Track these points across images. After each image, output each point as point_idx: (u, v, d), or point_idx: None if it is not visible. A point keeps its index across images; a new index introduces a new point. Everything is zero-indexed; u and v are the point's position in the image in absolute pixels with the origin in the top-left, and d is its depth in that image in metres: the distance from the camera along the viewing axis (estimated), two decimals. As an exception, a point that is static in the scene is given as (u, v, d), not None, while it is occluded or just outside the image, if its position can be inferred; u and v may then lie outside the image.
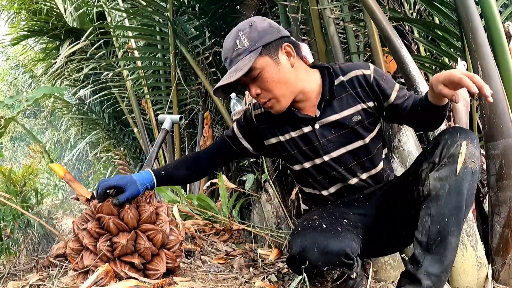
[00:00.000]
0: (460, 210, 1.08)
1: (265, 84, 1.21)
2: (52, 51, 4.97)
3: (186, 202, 2.64)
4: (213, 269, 1.72)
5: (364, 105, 1.30)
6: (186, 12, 3.40)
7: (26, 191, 3.24)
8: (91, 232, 1.40)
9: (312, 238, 1.13)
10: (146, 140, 4.27)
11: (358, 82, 1.29)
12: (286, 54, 1.23)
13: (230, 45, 1.22)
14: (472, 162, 1.08)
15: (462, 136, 1.11)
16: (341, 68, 1.32)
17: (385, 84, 1.29)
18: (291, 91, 1.25)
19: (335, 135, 1.31)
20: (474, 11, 1.53)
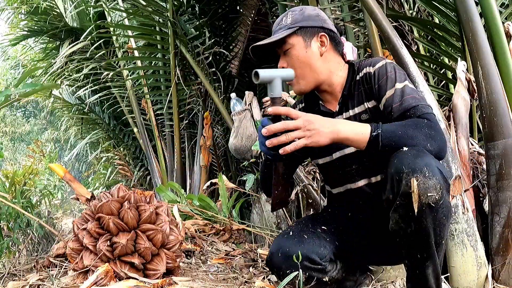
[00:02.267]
0: (429, 246, 1.05)
1: (291, 60, 1.28)
2: (52, 51, 4.97)
3: (186, 202, 2.64)
4: (213, 269, 1.72)
5: (369, 104, 1.28)
6: (186, 12, 3.40)
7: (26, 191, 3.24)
8: (91, 232, 1.40)
9: (278, 243, 1.23)
10: (146, 140, 4.27)
11: (365, 80, 1.29)
12: (320, 42, 1.28)
13: (278, 20, 1.33)
14: (428, 197, 0.98)
15: (409, 170, 0.99)
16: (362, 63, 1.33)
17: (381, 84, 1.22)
18: (313, 76, 1.29)
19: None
20: (474, 11, 1.53)
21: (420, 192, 0.98)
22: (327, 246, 1.23)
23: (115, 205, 1.43)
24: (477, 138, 1.92)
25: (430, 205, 0.99)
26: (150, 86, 4.08)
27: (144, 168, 5.13)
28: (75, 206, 5.72)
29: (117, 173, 5.63)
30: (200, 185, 3.60)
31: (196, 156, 3.77)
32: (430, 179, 0.98)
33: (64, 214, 5.55)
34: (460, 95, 1.66)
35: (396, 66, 1.27)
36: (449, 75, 2.15)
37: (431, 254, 1.06)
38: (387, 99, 1.19)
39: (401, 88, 1.19)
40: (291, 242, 1.22)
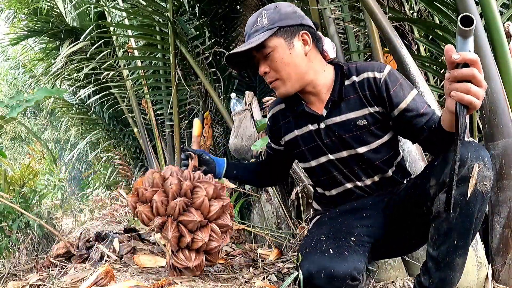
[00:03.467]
0: (468, 234, 1.06)
1: (274, 64, 1.23)
2: (52, 51, 4.97)
3: (186, 202, 2.64)
4: (213, 269, 1.72)
5: (372, 109, 1.25)
6: (186, 12, 3.41)
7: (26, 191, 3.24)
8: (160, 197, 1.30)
9: (319, 263, 1.13)
10: (146, 140, 4.28)
11: (368, 85, 1.25)
12: (303, 41, 1.24)
13: (251, 21, 1.26)
14: (483, 185, 1.02)
15: (473, 156, 1.02)
16: (357, 67, 1.29)
17: (395, 91, 1.21)
18: (299, 77, 1.25)
19: (338, 137, 1.29)
20: (474, 11, 1.53)
21: (478, 179, 1.01)
22: (362, 260, 1.18)
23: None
24: (477, 138, 1.92)
25: (482, 194, 1.02)
26: (150, 86, 4.08)
27: (144, 168, 5.13)
28: (75, 206, 5.73)
29: (117, 173, 5.64)
30: (200, 185, 3.60)
31: (196, 156, 3.76)
32: (488, 170, 1.02)
33: (64, 214, 5.55)
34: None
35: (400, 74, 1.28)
36: (449, 75, 2.15)
37: (467, 242, 1.07)
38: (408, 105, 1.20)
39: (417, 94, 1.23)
40: (334, 262, 1.13)
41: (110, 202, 4.98)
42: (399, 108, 1.21)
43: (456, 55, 0.86)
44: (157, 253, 1.85)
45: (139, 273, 1.62)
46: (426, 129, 1.17)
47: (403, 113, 1.21)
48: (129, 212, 3.80)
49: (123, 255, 1.80)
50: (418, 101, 1.21)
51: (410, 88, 1.23)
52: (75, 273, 1.60)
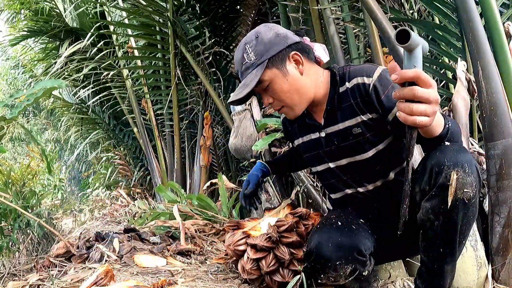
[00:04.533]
0: (454, 241, 1.05)
1: (275, 95, 1.23)
2: (52, 51, 4.98)
3: (186, 202, 2.64)
4: (213, 269, 1.72)
5: (364, 117, 1.21)
6: (186, 12, 3.41)
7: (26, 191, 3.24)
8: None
9: (327, 234, 1.16)
10: (146, 140, 4.28)
11: (358, 92, 1.21)
12: (295, 62, 1.21)
13: (238, 58, 1.24)
14: (464, 192, 0.98)
15: (450, 163, 0.98)
16: (350, 72, 1.24)
17: (387, 95, 1.15)
18: (303, 98, 1.24)
19: (338, 145, 1.30)
20: (474, 11, 1.53)
21: (457, 186, 0.98)
22: (370, 239, 1.18)
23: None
24: (477, 138, 1.92)
25: (463, 201, 0.99)
26: (150, 86, 4.08)
27: (144, 168, 5.13)
28: (75, 206, 5.72)
29: (117, 173, 5.64)
30: (200, 185, 3.60)
31: (196, 156, 3.77)
32: (469, 176, 0.98)
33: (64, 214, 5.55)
34: (460, 95, 1.66)
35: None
36: (449, 75, 2.15)
37: (453, 250, 1.07)
38: None
39: None
40: (342, 232, 1.15)
41: (110, 202, 4.98)
42: (393, 113, 1.15)
43: (394, 76, 0.82)
44: (157, 253, 1.85)
45: (139, 273, 1.62)
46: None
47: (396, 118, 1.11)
48: (129, 212, 3.80)
49: (123, 255, 1.79)
50: None
51: None
52: (75, 273, 1.60)
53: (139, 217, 2.90)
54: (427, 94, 0.81)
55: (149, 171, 4.58)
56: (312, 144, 1.37)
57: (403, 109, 0.83)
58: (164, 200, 3.03)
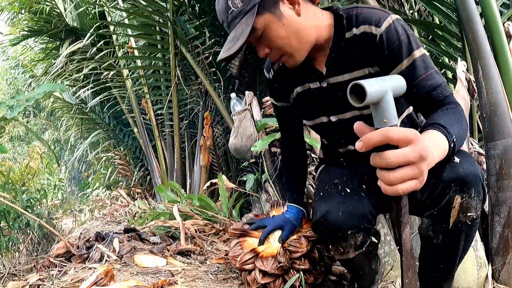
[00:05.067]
0: (454, 259, 1.03)
1: (272, 43, 1.06)
2: (52, 51, 4.98)
3: (186, 202, 2.64)
4: (213, 269, 1.72)
5: (371, 69, 1.09)
6: (186, 12, 3.41)
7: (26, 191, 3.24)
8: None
9: (335, 201, 1.09)
10: (146, 140, 4.28)
11: (366, 40, 1.06)
12: (289, 2, 1.05)
13: (223, 8, 1.06)
14: (467, 216, 0.94)
15: (457, 188, 0.92)
16: (357, 16, 1.07)
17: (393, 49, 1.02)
18: (304, 42, 1.07)
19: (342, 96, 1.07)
20: (474, 11, 1.53)
21: (460, 210, 0.93)
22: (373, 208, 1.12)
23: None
24: (477, 138, 1.92)
25: (466, 223, 0.95)
26: (150, 86, 4.08)
27: (144, 168, 5.13)
28: (75, 206, 5.72)
29: (117, 173, 5.63)
30: (200, 185, 3.60)
31: (196, 156, 3.77)
32: (473, 200, 0.92)
33: (64, 214, 5.55)
34: (460, 95, 1.66)
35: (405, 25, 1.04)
36: (449, 75, 2.15)
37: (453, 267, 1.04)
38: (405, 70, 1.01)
39: (420, 57, 1.02)
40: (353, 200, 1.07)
41: (110, 202, 4.98)
42: (397, 69, 1.03)
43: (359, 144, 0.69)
44: (157, 253, 1.85)
45: (139, 273, 1.62)
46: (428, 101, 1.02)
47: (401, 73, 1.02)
48: (129, 212, 3.80)
49: (123, 255, 1.79)
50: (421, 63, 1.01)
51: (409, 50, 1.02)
52: (75, 273, 1.60)
53: (139, 217, 2.90)
54: (403, 156, 0.67)
55: (149, 171, 4.58)
56: (311, 95, 1.21)
57: (381, 178, 0.70)
58: (164, 200, 3.03)
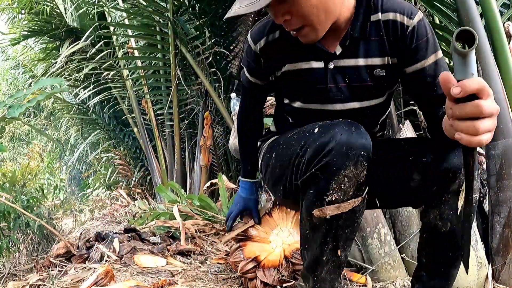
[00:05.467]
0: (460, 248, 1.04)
1: (298, 8, 0.91)
2: (52, 51, 4.98)
3: (186, 202, 2.64)
4: (213, 269, 1.72)
5: (392, 59, 1.03)
6: (186, 12, 3.41)
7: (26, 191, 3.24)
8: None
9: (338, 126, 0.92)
10: (146, 140, 4.28)
11: (394, 29, 1.00)
12: None
13: None
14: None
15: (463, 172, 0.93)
16: (383, 2, 1.01)
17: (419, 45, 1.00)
18: (329, 18, 0.97)
19: (348, 84, 1.06)
20: (474, 11, 1.53)
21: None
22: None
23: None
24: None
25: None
26: (150, 86, 4.09)
27: (144, 168, 5.13)
28: (75, 206, 5.73)
29: (117, 173, 5.63)
30: (200, 185, 3.60)
31: (196, 156, 3.77)
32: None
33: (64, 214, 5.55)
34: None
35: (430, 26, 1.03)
36: (449, 75, 2.15)
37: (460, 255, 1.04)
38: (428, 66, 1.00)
39: (442, 58, 1.03)
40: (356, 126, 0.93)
41: (110, 202, 4.98)
42: (415, 67, 1.01)
43: (456, 89, 0.67)
44: (157, 253, 1.85)
45: (139, 273, 1.62)
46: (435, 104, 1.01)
47: (418, 73, 1.01)
48: (129, 212, 3.80)
49: (123, 255, 1.80)
50: (438, 67, 1.01)
51: (434, 49, 1.01)
52: (75, 273, 1.60)
53: (139, 217, 2.90)
54: (492, 108, 0.69)
55: (149, 171, 4.58)
56: (310, 77, 1.08)
57: (467, 129, 0.69)
58: (164, 200, 3.03)
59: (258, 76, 1.20)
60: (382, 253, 1.60)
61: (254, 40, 1.13)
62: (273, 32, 1.10)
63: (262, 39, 1.12)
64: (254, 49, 1.14)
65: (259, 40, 1.12)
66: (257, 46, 1.13)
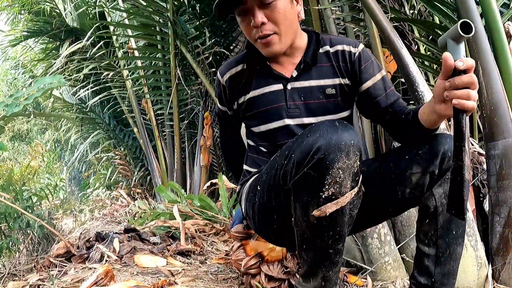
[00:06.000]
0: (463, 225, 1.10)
1: (276, 15, 1.11)
2: (52, 51, 4.98)
3: (186, 202, 2.64)
4: (213, 269, 1.72)
5: (342, 80, 1.23)
6: (186, 12, 3.40)
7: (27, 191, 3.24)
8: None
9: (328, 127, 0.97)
10: (146, 140, 4.28)
11: (342, 56, 1.23)
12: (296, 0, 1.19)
13: None
14: (469, 175, 1.06)
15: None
16: (331, 39, 1.26)
17: (366, 67, 1.22)
18: (292, 35, 1.18)
19: (304, 102, 1.22)
20: (474, 11, 1.53)
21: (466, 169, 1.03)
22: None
23: None
24: (477, 138, 1.92)
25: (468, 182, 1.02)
26: (150, 86, 4.08)
27: (144, 168, 5.13)
28: (75, 206, 5.73)
29: (117, 173, 5.63)
30: (200, 185, 3.60)
31: (196, 156, 3.77)
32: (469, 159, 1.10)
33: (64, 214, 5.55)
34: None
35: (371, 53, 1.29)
36: (449, 75, 2.15)
37: (464, 230, 1.11)
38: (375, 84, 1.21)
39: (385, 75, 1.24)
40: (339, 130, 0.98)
41: (110, 202, 4.98)
42: (366, 85, 1.21)
43: (460, 63, 0.89)
44: (157, 253, 1.85)
45: (139, 273, 1.62)
46: (391, 111, 1.19)
47: (369, 90, 1.21)
48: (129, 212, 3.80)
49: (123, 255, 1.80)
50: (385, 82, 1.23)
51: (379, 69, 1.24)
52: (75, 273, 1.60)
53: (139, 217, 2.90)
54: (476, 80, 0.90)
55: (149, 171, 4.58)
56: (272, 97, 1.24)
57: (463, 95, 0.90)
58: (164, 200, 3.03)
59: (226, 104, 1.38)
60: (382, 253, 1.60)
61: (221, 74, 1.34)
62: (236, 66, 1.31)
63: (227, 72, 1.32)
64: (222, 82, 1.34)
65: (225, 73, 1.32)
66: (223, 78, 1.33)
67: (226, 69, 1.33)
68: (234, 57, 1.34)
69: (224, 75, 1.32)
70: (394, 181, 1.11)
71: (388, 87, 1.22)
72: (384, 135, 1.91)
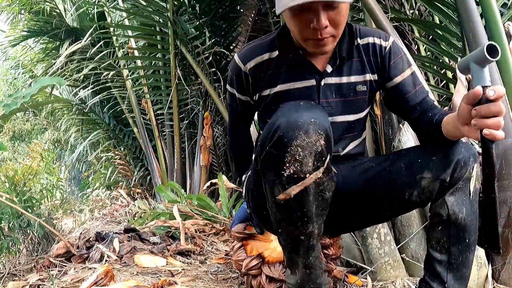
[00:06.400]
0: (476, 229, 1.11)
1: (339, 18, 1.04)
2: (52, 51, 4.98)
3: (186, 202, 2.64)
4: (213, 269, 1.72)
5: (372, 76, 1.18)
6: (186, 12, 3.41)
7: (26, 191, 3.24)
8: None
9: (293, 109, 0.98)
10: (146, 140, 4.28)
11: (373, 50, 1.17)
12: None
13: None
14: (478, 183, 1.09)
15: (472, 159, 1.07)
16: (360, 30, 1.18)
17: (396, 62, 1.16)
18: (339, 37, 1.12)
19: (335, 99, 1.17)
20: (474, 11, 1.53)
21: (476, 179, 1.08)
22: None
23: None
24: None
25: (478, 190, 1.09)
26: (150, 86, 4.09)
27: (144, 168, 5.13)
28: (75, 206, 5.73)
29: (117, 173, 5.63)
30: (200, 185, 3.60)
31: (196, 156, 3.77)
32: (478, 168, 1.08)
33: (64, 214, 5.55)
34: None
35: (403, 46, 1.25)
36: (449, 75, 2.15)
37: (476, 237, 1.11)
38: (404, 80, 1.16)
39: (415, 71, 1.20)
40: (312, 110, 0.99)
41: (110, 202, 4.98)
42: (394, 81, 1.17)
43: (492, 92, 0.85)
44: (157, 253, 1.85)
45: (139, 273, 1.62)
46: (418, 109, 1.16)
47: (398, 86, 1.17)
48: (129, 212, 3.80)
49: (123, 255, 1.80)
50: (415, 78, 1.18)
51: (408, 64, 1.19)
52: (75, 273, 1.60)
53: (139, 217, 2.90)
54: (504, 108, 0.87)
55: (149, 171, 4.58)
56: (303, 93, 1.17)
57: (492, 125, 0.86)
58: (164, 200, 3.03)
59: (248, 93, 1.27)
60: (382, 253, 1.60)
61: (243, 61, 1.21)
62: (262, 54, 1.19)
63: (251, 61, 1.20)
64: (245, 70, 1.21)
65: (248, 61, 1.20)
66: (246, 66, 1.21)
67: (250, 56, 1.20)
68: (256, 42, 1.22)
69: (248, 63, 1.20)
70: (403, 183, 1.12)
71: (418, 84, 1.18)
72: (384, 135, 1.91)
